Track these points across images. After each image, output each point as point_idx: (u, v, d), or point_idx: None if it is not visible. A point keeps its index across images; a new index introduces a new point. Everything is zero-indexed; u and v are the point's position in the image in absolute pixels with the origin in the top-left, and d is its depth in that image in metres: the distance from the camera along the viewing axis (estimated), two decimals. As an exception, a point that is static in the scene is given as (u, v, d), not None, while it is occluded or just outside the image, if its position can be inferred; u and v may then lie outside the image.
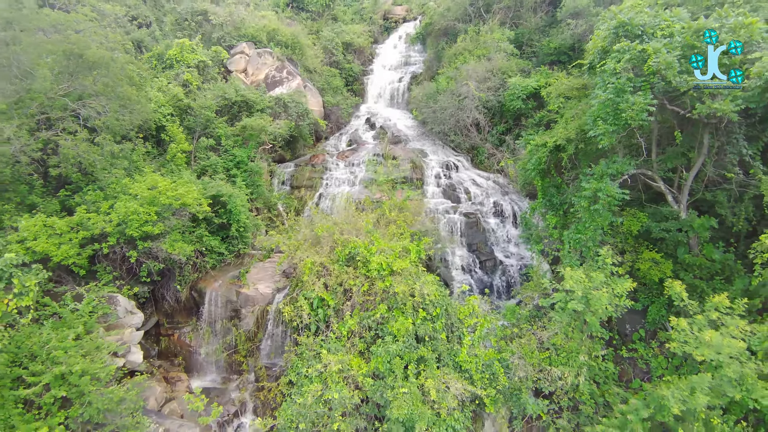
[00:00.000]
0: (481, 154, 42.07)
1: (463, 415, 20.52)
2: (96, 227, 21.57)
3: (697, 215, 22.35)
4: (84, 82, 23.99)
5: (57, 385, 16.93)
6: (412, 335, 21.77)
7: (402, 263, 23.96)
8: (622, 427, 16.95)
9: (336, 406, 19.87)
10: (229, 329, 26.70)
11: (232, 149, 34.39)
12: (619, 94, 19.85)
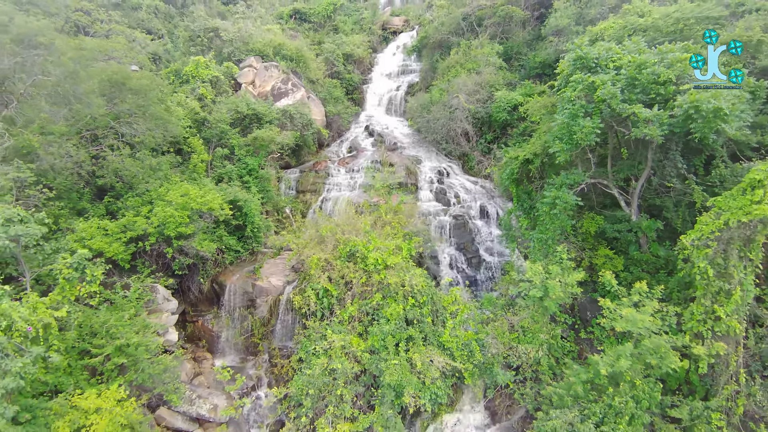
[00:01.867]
0: (470, 161, 46.89)
1: (445, 384, 25.47)
2: (140, 228, 26.60)
3: (647, 218, 27.15)
4: (122, 106, 28.97)
5: (116, 354, 21.92)
6: (403, 319, 26.75)
7: (395, 259, 29.04)
8: (567, 389, 21.91)
9: (339, 376, 24.79)
10: (246, 316, 31.68)
11: (244, 158, 39.34)
12: (573, 118, 24.78)
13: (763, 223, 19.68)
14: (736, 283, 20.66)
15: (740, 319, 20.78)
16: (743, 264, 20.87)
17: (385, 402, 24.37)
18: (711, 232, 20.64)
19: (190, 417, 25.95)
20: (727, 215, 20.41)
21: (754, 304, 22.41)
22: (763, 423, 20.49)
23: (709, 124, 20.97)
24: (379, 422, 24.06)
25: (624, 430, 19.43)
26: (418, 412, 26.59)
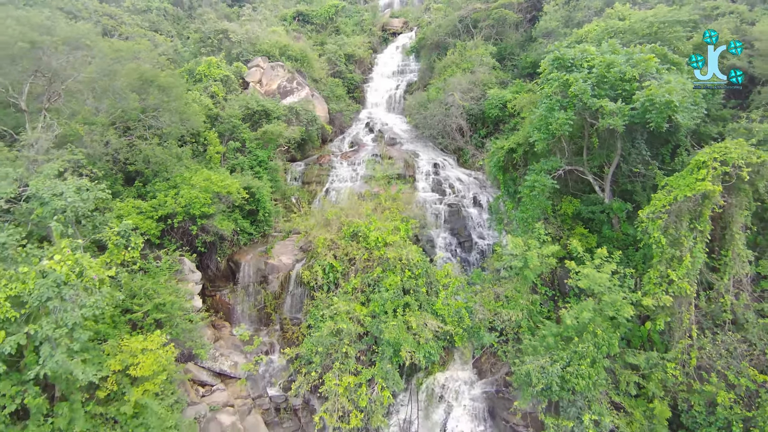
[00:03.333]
0: (465, 155, 51.03)
1: (437, 344, 29.62)
2: (169, 207, 30.77)
3: (619, 201, 31.21)
4: (150, 101, 33.19)
5: (154, 311, 26.08)
6: (400, 288, 30.91)
7: (394, 237, 33.25)
8: (541, 341, 26.05)
9: (344, 336, 28.89)
10: (259, 291, 35.86)
11: (255, 150, 43.49)
12: (550, 111, 28.94)
13: (705, 197, 23.79)
14: (687, 250, 24.73)
15: (691, 282, 24.81)
16: (693, 235, 24.94)
17: (385, 357, 28.50)
18: (663, 206, 24.72)
19: (214, 372, 30.20)
20: (676, 191, 24.54)
21: (706, 270, 26.42)
22: (714, 372, 24.46)
23: (662, 114, 25.05)
24: (379, 374, 28.20)
25: (586, 370, 23.52)
26: (414, 370, 30.83)
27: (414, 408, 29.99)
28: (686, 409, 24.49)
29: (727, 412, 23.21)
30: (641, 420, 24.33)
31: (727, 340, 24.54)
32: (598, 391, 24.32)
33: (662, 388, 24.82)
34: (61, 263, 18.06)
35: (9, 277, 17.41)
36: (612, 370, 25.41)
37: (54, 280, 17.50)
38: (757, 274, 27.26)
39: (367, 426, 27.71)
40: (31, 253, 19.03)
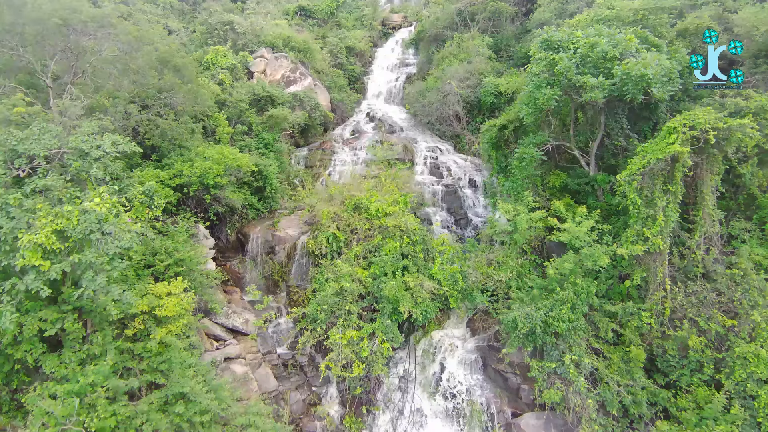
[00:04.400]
0: (462, 141, 53.78)
1: (433, 304, 32.24)
2: (185, 176, 33.56)
3: (605, 174, 33.84)
4: (165, 80, 36.02)
5: (174, 266, 28.82)
6: (399, 253, 33.61)
7: (393, 208, 35.99)
8: (527, 294, 28.77)
9: (347, 295, 31.54)
10: (267, 261, 38.57)
11: (261, 134, 46.22)
12: (537, 88, 31.64)
13: (675, 159, 26.46)
14: (660, 210, 27.32)
15: (664, 238, 27.44)
16: (666, 196, 27.62)
17: (385, 314, 31.18)
18: (638, 169, 27.40)
19: (227, 328, 32.92)
20: (649, 155, 27.21)
21: (679, 230, 29.06)
22: (686, 319, 27.11)
23: (637, 86, 27.79)
24: (380, 329, 30.87)
25: (567, 314, 26.21)
26: (411, 329, 33.55)
27: (412, 362, 32.64)
28: (661, 353, 27.08)
29: (699, 355, 25.82)
30: (619, 363, 26.95)
31: (698, 290, 27.13)
32: (578, 336, 26.98)
33: (638, 335, 27.43)
34: (100, 205, 20.82)
35: (55, 214, 20.12)
36: (593, 321, 28.07)
37: (96, 216, 20.26)
38: (730, 235, 29.91)
39: (369, 374, 30.32)
40: (74, 195, 21.77)
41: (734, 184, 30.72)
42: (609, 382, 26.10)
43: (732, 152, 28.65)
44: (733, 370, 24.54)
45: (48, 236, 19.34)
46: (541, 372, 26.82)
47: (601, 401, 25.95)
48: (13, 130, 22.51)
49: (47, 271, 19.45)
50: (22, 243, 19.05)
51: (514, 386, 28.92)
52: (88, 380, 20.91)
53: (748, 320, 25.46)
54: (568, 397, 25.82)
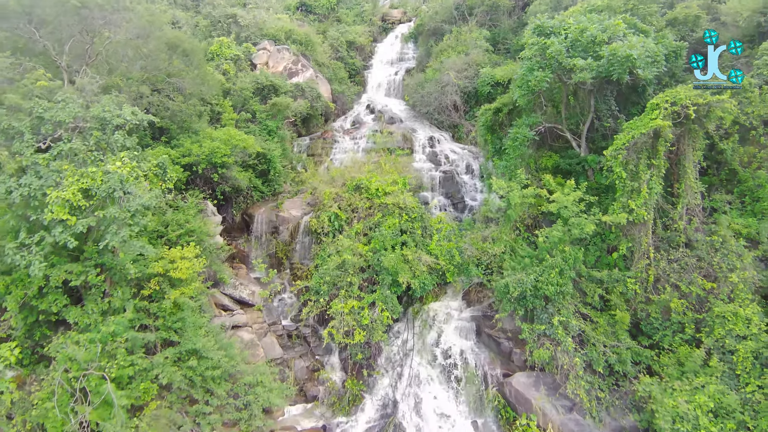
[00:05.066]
0: (460, 131, 55.62)
1: (431, 277, 34.08)
2: (194, 155, 35.42)
3: (595, 155, 35.64)
4: (174, 64, 37.93)
5: (185, 235, 30.69)
6: (398, 229, 35.45)
7: (393, 188, 37.84)
8: (519, 263, 30.58)
9: (349, 267, 33.34)
10: (271, 240, 40.44)
11: (264, 121, 48.12)
12: (530, 71, 33.49)
13: (657, 133, 28.28)
14: (644, 182, 29.16)
15: (648, 210, 29.21)
16: (650, 170, 29.45)
17: (384, 284, 33.00)
18: (623, 144, 29.23)
19: (234, 299, 34.79)
20: (634, 131, 29.07)
21: (663, 203, 30.88)
22: (668, 284, 28.91)
23: (623, 66, 29.64)
24: (379, 299, 32.68)
25: (555, 278, 28.00)
26: (410, 302, 35.35)
27: (410, 333, 34.42)
28: (645, 317, 28.88)
29: (680, 317, 27.62)
30: (605, 326, 28.73)
31: (680, 257, 28.95)
32: (566, 301, 28.76)
33: (623, 301, 29.23)
34: (121, 168, 22.69)
35: (80, 174, 21.94)
36: (581, 289, 29.88)
37: (118, 177, 22.11)
38: (712, 208, 31.71)
39: (369, 341, 32.10)
40: (97, 158, 23.60)
41: (717, 161, 32.54)
42: (595, 344, 27.85)
43: (713, 129, 30.63)
44: (713, 329, 26.26)
45: (74, 194, 21.16)
46: (531, 334, 28.56)
47: (588, 361, 27.66)
48: (38, 100, 24.33)
49: (74, 225, 21.27)
50: (51, 199, 20.87)
51: (507, 350, 30.69)
52: (109, 329, 22.76)
53: (727, 282, 27.22)
54: (557, 356, 27.54)
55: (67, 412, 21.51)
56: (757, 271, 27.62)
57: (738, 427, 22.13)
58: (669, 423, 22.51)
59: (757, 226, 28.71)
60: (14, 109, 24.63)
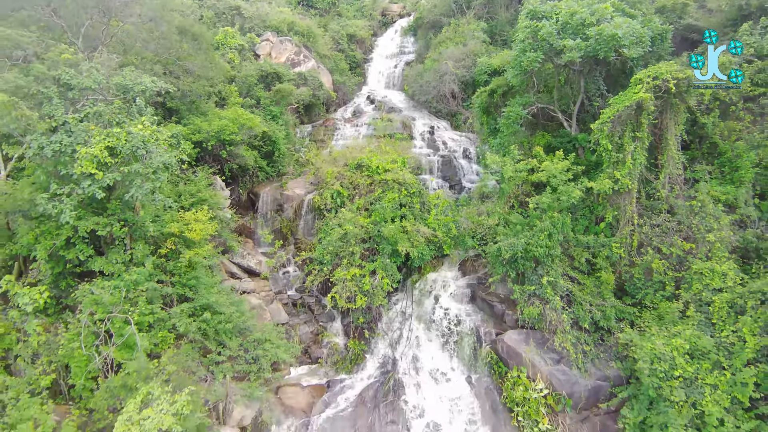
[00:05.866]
0: (458, 120, 57.94)
1: (428, 248, 36.27)
2: (204, 132, 37.67)
3: (585, 134, 37.80)
4: (184, 47, 40.23)
5: (198, 203, 32.91)
6: (398, 203, 37.64)
7: (392, 166, 40.04)
8: (511, 229, 32.74)
9: (350, 238, 35.51)
10: (276, 217, 42.65)
11: (269, 107, 50.38)
12: (523, 52, 35.71)
13: (640, 106, 30.46)
14: (628, 154, 31.35)
15: (633, 179, 31.37)
16: (635, 143, 31.62)
17: (384, 253, 35.18)
18: (609, 117, 31.42)
19: (242, 267, 37.03)
20: (618, 105, 31.27)
21: (647, 173, 33.05)
22: (650, 247, 31.05)
23: (608, 45, 31.87)
24: (380, 267, 34.85)
25: (544, 241, 30.12)
26: (409, 273, 37.51)
27: (409, 300, 36.57)
28: (628, 278, 31.06)
29: (661, 276, 29.71)
30: (591, 287, 30.87)
31: (661, 222, 31.12)
32: (555, 264, 30.88)
33: (609, 265, 31.38)
34: (143, 130, 24.94)
35: (106, 134, 24.15)
36: (569, 255, 32.01)
37: (140, 137, 24.37)
38: (694, 179, 33.87)
39: (370, 306, 34.26)
40: (121, 120, 25.83)
41: (699, 136, 34.73)
42: (582, 303, 29.96)
43: (695, 105, 32.86)
44: (691, 285, 28.36)
45: (101, 151, 23.32)
46: (522, 294, 30.68)
47: (575, 319, 29.78)
48: (65, 69, 26.59)
49: (101, 179, 23.48)
50: (80, 155, 23.04)
51: (499, 312, 32.80)
52: (132, 278, 24.97)
53: (705, 242, 29.34)
54: (545, 313, 29.65)
55: (92, 351, 23.68)
56: (734, 232, 29.68)
57: (713, 366, 24.18)
58: (648, 363, 24.55)
59: (735, 193, 30.82)
60: (41, 78, 26.87)
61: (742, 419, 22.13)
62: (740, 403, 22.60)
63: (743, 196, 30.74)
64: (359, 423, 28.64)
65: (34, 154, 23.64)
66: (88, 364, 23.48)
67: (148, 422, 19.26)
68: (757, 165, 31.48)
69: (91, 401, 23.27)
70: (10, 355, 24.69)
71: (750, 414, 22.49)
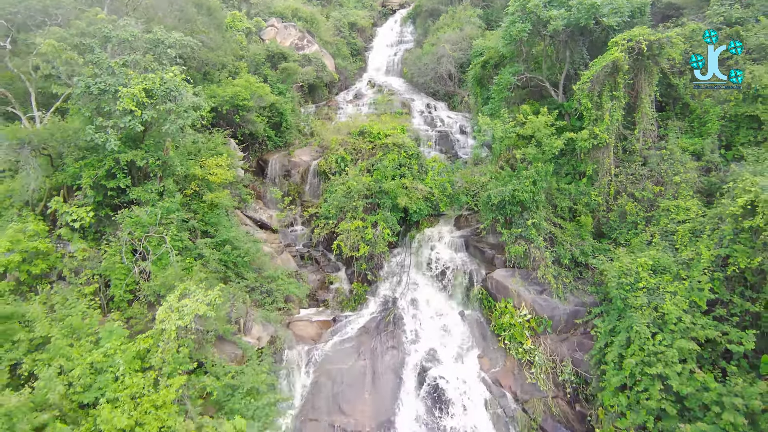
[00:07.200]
0: (455, 101, 62.21)
1: (426, 205, 40.37)
2: (219, 97, 41.85)
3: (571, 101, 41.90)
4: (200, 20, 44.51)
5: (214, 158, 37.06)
6: (398, 163, 41.78)
7: (393, 131, 44.23)
8: (501, 180, 36.83)
9: (354, 194, 39.56)
10: (284, 182, 46.76)
11: (276, 84, 54.61)
12: (512, 24, 39.92)
13: (616, 66, 34.58)
14: (606, 111, 35.49)
15: (610, 135, 35.52)
16: (612, 102, 35.74)
17: (385, 207, 39.27)
18: (588, 78, 35.57)
19: (255, 221, 41.10)
20: (596, 66, 35.44)
21: (624, 130, 37.15)
22: (625, 193, 35.12)
23: (588, 12, 36.08)
24: (381, 219, 38.88)
25: (530, 187, 34.13)
26: (407, 229, 41.59)
27: (408, 252, 40.65)
28: (605, 222, 35.17)
29: (634, 217, 33.79)
30: (572, 230, 34.97)
31: (635, 171, 35.27)
32: (539, 209, 34.94)
33: (589, 211, 35.48)
34: (174, 77, 29.15)
35: (143, 78, 28.34)
36: (553, 204, 36.07)
37: (173, 81, 28.59)
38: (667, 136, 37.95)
39: (372, 255, 38.31)
40: (155, 68, 30.04)
41: (673, 97, 38.89)
42: (563, 243, 34.01)
43: (667, 67, 37.03)
44: (659, 221, 32.40)
45: (140, 91, 27.50)
46: (509, 237, 34.66)
47: (556, 257, 33.79)
48: (105, 23, 30.91)
49: (140, 116, 27.65)
50: (122, 93, 27.20)
51: (490, 257, 36.84)
52: (165, 205, 29.08)
53: (672, 184, 33.36)
54: (530, 251, 33.66)
55: (130, 263, 27.82)
56: (699, 176, 33.75)
57: (674, 278, 28.08)
58: (615, 278, 28.62)
59: (702, 143, 34.91)
60: (81, 33, 31.13)
61: (700, 320, 26.00)
62: (698, 306, 26.45)
63: (709, 145, 34.77)
64: (362, 348, 32.58)
65: (82, 92, 27.71)
66: (127, 276, 27.53)
67: (186, 308, 23.27)
68: (723, 118, 35.47)
69: (128, 311, 27.31)
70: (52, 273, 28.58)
71: (708, 317, 26.32)
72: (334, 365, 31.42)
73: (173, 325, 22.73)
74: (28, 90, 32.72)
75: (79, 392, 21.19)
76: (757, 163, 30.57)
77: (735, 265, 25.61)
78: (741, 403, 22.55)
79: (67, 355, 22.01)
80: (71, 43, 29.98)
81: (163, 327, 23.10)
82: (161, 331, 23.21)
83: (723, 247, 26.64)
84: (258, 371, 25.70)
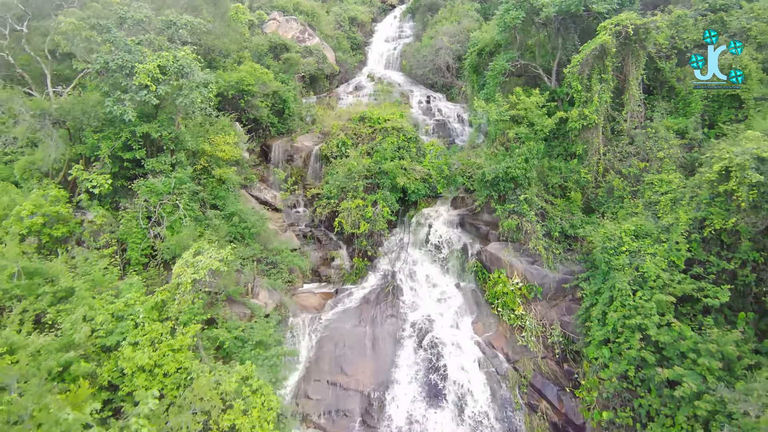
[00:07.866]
0: (453, 93, 64.47)
1: (423, 186, 42.56)
2: (225, 82, 44.06)
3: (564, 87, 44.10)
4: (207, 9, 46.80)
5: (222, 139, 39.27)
6: (397, 146, 43.98)
7: (392, 116, 46.45)
8: (494, 159, 39.00)
9: (355, 174, 41.73)
10: (287, 166, 48.94)
11: (278, 74, 56.80)
12: (506, 11, 42.13)
13: (604, 49, 36.75)
14: (595, 93, 37.68)
15: (599, 116, 37.69)
16: (601, 84, 37.93)
17: (384, 186, 41.47)
18: (578, 61, 37.77)
19: (260, 200, 43.24)
20: (585, 51, 37.62)
21: (612, 111, 39.29)
22: (612, 170, 37.29)
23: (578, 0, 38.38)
24: (380, 198, 41.08)
25: (522, 164, 36.29)
26: (406, 209, 43.76)
27: (406, 230, 42.82)
28: (594, 197, 37.33)
29: (620, 192, 35.98)
30: (562, 206, 37.16)
31: (623, 149, 37.44)
32: (531, 186, 37.09)
33: (578, 188, 37.64)
34: (187, 55, 31.39)
35: (157, 56, 30.58)
36: (545, 182, 38.22)
37: (185, 59, 30.83)
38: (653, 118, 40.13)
39: (372, 232, 40.48)
40: (168, 48, 32.29)
41: (660, 81, 41.08)
42: (554, 217, 36.20)
43: (654, 51, 39.24)
44: (644, 194, 34.57)
45: (155, 67, 29.74)
46: (503, 212, 36.79)
47: (547, 231, 35.95)
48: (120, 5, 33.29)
49: (155, 90, 29.87)
50: (138, 69, 29.44)
51: (484, 233, 39.03)
52: (178, 176, 31.28)
53: (656, 160, 35.53)
54: (522, 225, 35.77)
55: (146, 228, 30.03)
56: (682, 152, 35.90)
57: (654, 242, 30.21)
58: (600, 243, 30.81)
59: (686, 122, 37.09)
60: (98, 15, 33.43)
61: (678, 276, 28.13)
62: (676, 266, 28.56)
63: (692, 124, 36.87)
64: (363, 316, 34.72)
65: (101, 67, 29.97)
66: (143, 240, 29.71)
67: (200, 263, 25.42)
68: (706, 98, 37.68)
69: (144, 274, 29.48)
70: (71, 239, 30.71)
71: (686, 275, 28.42)
72: (336, 331, 33.54)
73: (189, 278, 24.85)
74: (44, 72, 34.98)
75: (102, 336, 23.13)
76: (736, 136, 32.70)
77: (711, 226, 27.71)
78: (716, 349, 24.57)
79: (90, 304, 24.05)
80: (89, 23, 32.19)
81: (179, 281, 25.24)
82: (177, 284, 25.35)
83: (700, 211, 28.73)
84: (266, 327, 27.84)
